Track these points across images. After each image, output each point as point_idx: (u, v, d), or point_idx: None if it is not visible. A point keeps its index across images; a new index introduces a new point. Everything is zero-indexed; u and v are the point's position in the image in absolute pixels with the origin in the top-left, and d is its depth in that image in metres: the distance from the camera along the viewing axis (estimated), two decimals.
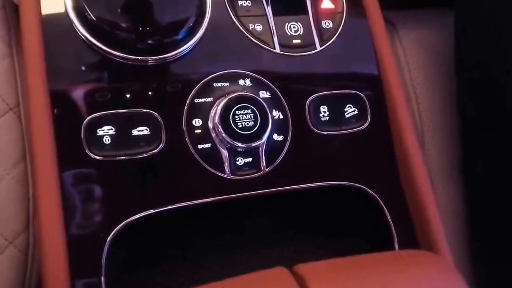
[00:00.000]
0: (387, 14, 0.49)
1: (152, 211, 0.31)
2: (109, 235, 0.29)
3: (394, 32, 0.49)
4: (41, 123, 0.30)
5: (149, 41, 0.33)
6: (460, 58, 0.44)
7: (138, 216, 0.30)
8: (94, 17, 0.32)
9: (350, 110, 0.38)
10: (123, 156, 0.31)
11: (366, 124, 0.38)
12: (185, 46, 0.34)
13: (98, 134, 0.31)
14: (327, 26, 0.38)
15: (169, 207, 0.31)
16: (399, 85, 0.40)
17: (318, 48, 0.38)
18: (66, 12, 0.33)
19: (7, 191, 0.33)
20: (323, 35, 0.38)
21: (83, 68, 0.32)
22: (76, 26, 0.32)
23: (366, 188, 0.36)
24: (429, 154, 0.46)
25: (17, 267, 0.32)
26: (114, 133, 0.31)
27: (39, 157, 0.30)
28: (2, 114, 0.34)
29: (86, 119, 0.31)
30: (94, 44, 0.32)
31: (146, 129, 0.32)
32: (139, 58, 0.33)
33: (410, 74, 0.48)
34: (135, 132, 0.32)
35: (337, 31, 0.38)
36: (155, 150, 0.32)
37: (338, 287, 0.29)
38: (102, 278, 0.28)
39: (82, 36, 0.32)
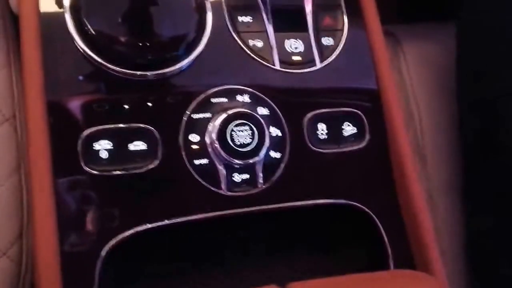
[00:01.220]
0: (391, 28, 0.51)
1: (147, 226, 0.32)
2: (103, 250, 0.30)
3: (398, 46, 0.51)
4: (38, 135, 0.31)
5: (148, 56, 0.34)
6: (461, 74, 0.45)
7: (133, 231, 0.31)
8: (93, 31, 0.34)
9: (349, 129, 0.39)
10: (119, 171, 0.32)
11: (365, 143, 0.39)
12: (184, 62, 0.35)
13: (94, 148, 0.32)
14: (328, 43, 0.40)
15: (164, 222, 0.32)
16: (399, 104, 0.41)
17: (318, 66, 0.39)
18: (65, 25, 0.34)
19: (0, 202, 0.34)
20: (324, 52, 0.39)
21: (81, 81, 0.34)
22: (75, 40, 0.34)
23: (363, 207, 0.37)
24: (430, 171, 0.48)
25: (9, 278, 0.33)
26: (110, 147, 0.32)
27: (35, 169, 0.31)
28: (0, 125, 0.35)
29: (83, 133, 0.32)
30: (93, 58, 0.34)
31: (143, 144, 0.33)
32: (138, 73, 0.34)
33: (412, 89, 0.49)
34: (131, 146, 0.33)
35: (337, 49, 0.40)
36: (152, 165, 0.33)
37: None
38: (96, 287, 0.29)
39: (81, 50, 0.34)
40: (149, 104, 0.34)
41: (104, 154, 0.32)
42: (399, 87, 0.48)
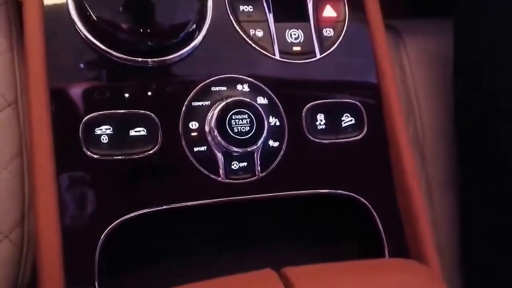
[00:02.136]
0: (394, 22, 0.53)
1: (145, 210, 0.34)
2: (103, 233, 0.32)
3: (400, 40, 0.52)
4: (40, 120, 0.33)
5: (149, 43, 0.36)
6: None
7: (132, 215, 0.33)
8: (96, 17, 0.35)
9: (347, 119, 0.41)
10: (119, 156, 0.34)
11: (362, 134, 0.40)
12: (185, 49, 0.37)
13: (96, 133, 0.34)
14: (328, 34, 0.41)
15: (163, 207, 0.34)
16: (398, 96, 0.42)
17: (318, 56, 0.40)
18: (68, 11, 0.35)
19: (3, 186, 0.35)
20: (324, 43, 0.41)
21: (83, 67, 0.35)
22: (77, 26, 0.35)
23: (359, 197, 0.39)
24: (429, 165, 0.49)
25: (11, 260, 0.35)
26: (111, 132, 0.34)
27: (37, 153, 0.32)
28: (1, 110, 0.37)
29: (85, 118, 0.34)
30: (95, 44, 0.35)
31: (143, 130, 0.35)
32: (139, 59, 0.36)
33: (414, 83, 0.51)
34: (132, 132, 0.35)
35: (337, 40, 0.41)
36: (151, 151, 0.35)
37: None
38: (95, 273, 0.31)
39: (83, 36, 0.35)
40: (150, 91, 0.36)
41: (105, 139, 0.34)
42: (400, 81, 0.50)
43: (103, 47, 0.35)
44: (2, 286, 0.35)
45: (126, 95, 0.35)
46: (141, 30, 0.36)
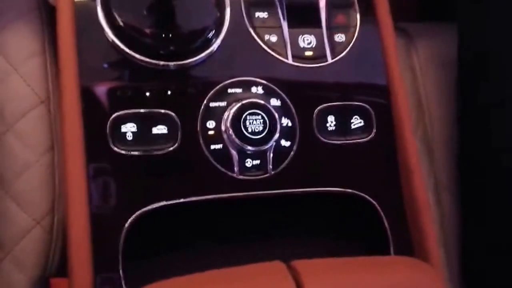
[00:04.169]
0: (405, 25, 0.58)
1: (165, 202, 0.39)
2: (126, 221, 0.38)
3: (410, 43, 0.57)
4: (72, 117, 0.39)
5: (171, 48, 0.42)
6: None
7: (153, 206, 0.39)
8: (122, 22, 0.41)
9: (356, 122, 0.46)
10: (142, 152, 0.40)
11: (371, 136, 0.46)
12: (203, 53, 0.42)
13: (121, 130, 0.40)
14: (340, 39, 0.47)
15: (181, 200, 0.40)
16: (407, 99, 0.47)
17: (330, 61, 0.46)
18: (97, 16, 0.41)
19: (36, 177, 0.42)
20: (335, 48, 0.46)
21: (110, 69, 0.41)
22: (105, 30, 0.41)
23: (366, 196, 0.44)
24: (437, 167, 0.54)
25: (42, 245, 0.42)
26: (135, 130, 0.40)
27: (68, 146, 0.38)
28: (35, 107, 0.43)
29: (112, 116, 0.39)
30: (120, 48, 0.41)
31: (164, 128, 0.41)
32: (161, 63, 0.41)
33: (424, 86, 0.56)
34: (154, 130, 0.40)
35: (349, 45, 0.46)
36: (171, 148, 0.40)
37: (330, 283, 0.38)
38: (120, 258, 0.37)
39: (110, 40, 0.41)
40: (171, 91, 0.41)
41: (129, 136, 0.40)
42: (410, 83, 0.55)
43: (127, 50, 0.41)
44: (34, 270, 0.41)
45: (149, 95, 0.41)
46: (163, 35, 0.41)
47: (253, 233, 0.45)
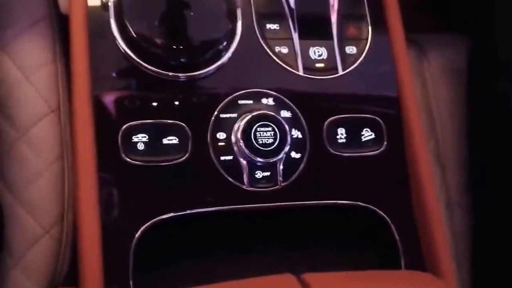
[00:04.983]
0: (417, 37, 0.59)
1: (175, 213, 0.40)
2: (137, 231, 0.39)
3: (422, 54, 0.59)
4: (84, 126, 0.40)
5: (181, 59, 0.43)
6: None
7: (163, 217, 0.40)
8: (134, 33, 0.43)
9: (367, 134, 0.47)
10: (153, 162, 0.41)
11: (382, 149, 0.47)
12: (214, 65, 0.44)
13: (133, 140, 0.41)
14: (351, 51, 0.48)
15: (191, 211, 0.41)
16: (418, 112, 0.49)
17: (340, 73, 0.47)
18: (110, 27, 0.43)
19: (46, 186, 0.43)
20: (346, 60, 0.48)
21: (121, 79, 0.43)
22: (117, 41, 0.43)
23: (377, 210, 0.45)
24: (449, 180, 0.55)
25: (51, 254, 0.43)
26: (147, 140, 0.41)
27: (80, 156, 0.40)
28: (46, 115, 0.45)
29: (123, 126, 0.41)
30: (132, 58, 0.43)
31: (175, 139, 0.42)
32: (170, 73, 0.43)
33: (436, 98, 0.57)
34: (165, 140, 0.42)
35: (360, 57, 0.48)
36: (182, 159, 0.42)
37: None
38: (130, 267, 0.38)
39: (122, 50, 0.43)
40: (182, 103, 0.43)
41: (140, 146, 0.41)
42: (422, 95, 0.56)
43: (139, 60, 0.43)
44: (43, 278, 0.42)
45: (160, 106, 0.42)
46: (174, 47, 0.43)
47: (263, 245, 0.46)
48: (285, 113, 0.45)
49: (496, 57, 0.50)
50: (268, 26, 0.47)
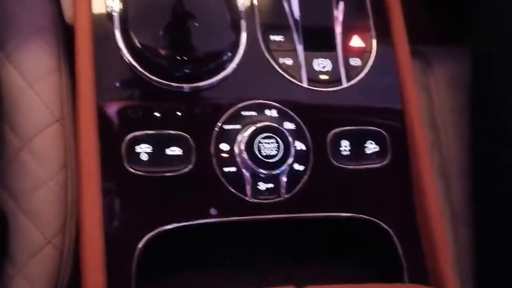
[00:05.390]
0: (422, 48, 0.60)
1: (178, 224, 0.41)
2: (139, 242, 0.40)
3: (427, 66, 0.59)
4: (88, 136, 0.41)
5: (185, 70, 0.44)
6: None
7: (166, 228, 0.41)
8: (138, 43, 0.44)
9: (371, 147, 0.48)
10: (156, 173, 0.42)
11: (386, 161, 0.47)
12: (218, 76, 0.44)
13: (136, 150, 0.42)
14: (355, 64, 0.48)
15: (193, 222, 0.42)
16: (423, 125, 0.49)
17: (344, 85, 0.48)
18: (114, 37, 0.44)
19: (50, 195, 0.44)
20: (350, 72, 0.48)
21: (125, 89, 0.43)
22: (122, 51, 0.43)
23: (380, 223, 0.46)
24: (453, 193, 0.56)
25: (54, 263, 0.44)
26: (150, 151, 0.42)
27: (84, 166, 0.40)
28: (50, 125, 0.46)
29: (127, 136, 0.42)
30: (136, 68, 0.43)
31: (179, 150, 0.43)
32: (174, 84, 0.44)
33: (441, 110, 0.58)
34: (169, 151, 0.42)
35: (364, 69, 0.48)
36: (185, 170, 0.42)
37: None
38: (133, 278, 0.39)
39: (127, 60, 0.44)
40: (185, 113, 0.44)
41: (144, 157, 0.42)
42: (427, 107, 0.57)
43: (143, 71, 0.43)
44: (45, 286, 0.43)
45: (164, 117, 0.43)
46: (178, 58, 0.44)
47: (266, 257, 0.47)
48: (289, 125, 0.45)
49: (492, 67, 0.51)
50: (272, 37, 0.47)
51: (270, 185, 0.44)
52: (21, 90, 0.47)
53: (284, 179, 0.44)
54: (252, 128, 0.44)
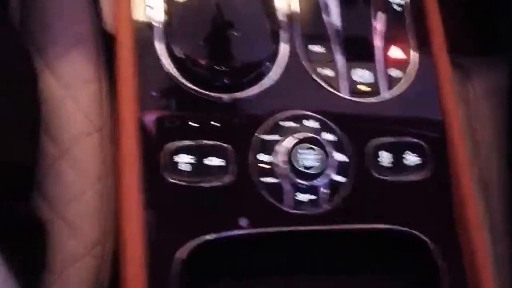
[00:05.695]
0: (462, 60, 0.60)
1: (218, 235, 0.41)
2: (181, 253, 0.40)
3: (467, 78, 0.59)
4: (129, 146, 0.42)
5: (225, 80, 0.45)
6: None
7: (207, 238, 0.41)
8: (178, 53, 0.44)
9: (411, 158, 0.47)
10: (196, 183, 0.42)
11: (426, 173, 0.47)
12: (257, 87, 0.45)
13: (176, 160, 0.42)
14: (395, 74, 0.48)
15: (235, 232, 0.42)
16: (463, 137, 0.49)
17: (384, 96, 0.48)
18: (155, 47, 0.44)
19: (89, 205, 0.45)
20: (390, 83, 0.48)
21: (167, 99, 0.44)
22: (162, 60, 0.44)
23: (421, 235, 0.45)
24: (493, 206, 0.55)
25: (93, 273, 0.44)
26: (191, 161, 0.42)
27: (125, 176, 0.41)
28: (89, 134, 0.46)
29: (168, 147, 0.42)
30: (176, 78, 0.44)
31: (219, 160, 0.43)
32: (213, 94, 0.44)
33: (480, 123, 0.57)
34: (208, 161, 0.43)
35: (403, 80, 0.48)
36: (224, 180, 0.43)
37: None
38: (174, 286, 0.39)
39: (167, 70, 0.44)
40: (225, 124, 0.44)
41: (183, 167, 0.42)
42: (466, 120, 0.56)
43: (183, 81, 0.44)
44: None
45: (205, 127, 0.43)
46: (218, 68, 0.44)
47: (304, 269, 0.47)
48: (329, 136, 0.45)
49: None
50: (312, 47, 0.48)
51: (310, 196, 0.44)
52: (60, 99, 0.47)
53: (324, 190, 0.44)
54: (291, 139, 0.44)
